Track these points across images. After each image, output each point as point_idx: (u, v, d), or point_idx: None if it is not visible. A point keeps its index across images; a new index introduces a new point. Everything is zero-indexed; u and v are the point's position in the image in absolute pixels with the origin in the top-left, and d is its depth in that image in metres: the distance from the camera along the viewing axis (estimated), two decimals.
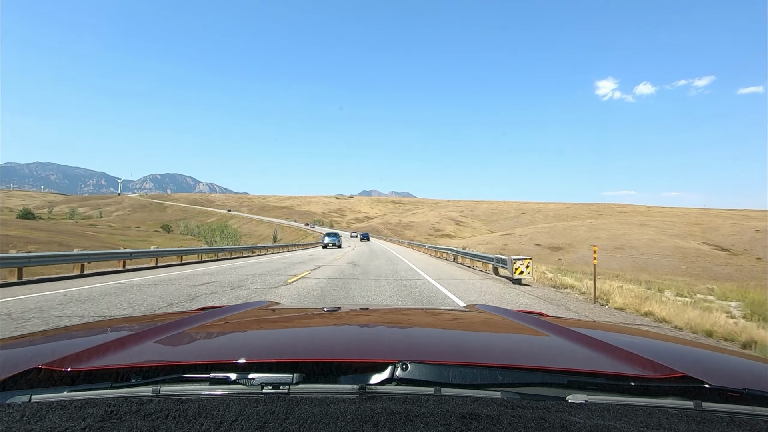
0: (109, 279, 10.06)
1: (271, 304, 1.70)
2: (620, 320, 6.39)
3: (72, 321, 5.14)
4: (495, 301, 7.56)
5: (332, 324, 1.29)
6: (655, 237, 53.01)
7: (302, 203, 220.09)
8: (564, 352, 0.95)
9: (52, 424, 0.52)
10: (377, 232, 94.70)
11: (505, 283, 10.84)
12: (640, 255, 44.79)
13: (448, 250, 22.23)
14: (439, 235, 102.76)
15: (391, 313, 1.60)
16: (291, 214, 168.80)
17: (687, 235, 57.26)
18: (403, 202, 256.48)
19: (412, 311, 1.79)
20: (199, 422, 0.53)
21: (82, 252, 12.30)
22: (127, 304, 6.34)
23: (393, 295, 7.92)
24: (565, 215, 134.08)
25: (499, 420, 0.55)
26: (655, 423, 0.57)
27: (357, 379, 0.69)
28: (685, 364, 0.77)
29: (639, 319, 6.51)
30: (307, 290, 8.39)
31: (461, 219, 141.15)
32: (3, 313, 5.43)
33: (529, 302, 7.74)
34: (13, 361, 0.73)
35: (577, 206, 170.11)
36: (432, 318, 1.50)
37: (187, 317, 1.16)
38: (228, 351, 0.91)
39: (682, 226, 66.59)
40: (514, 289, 9.52)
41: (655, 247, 48.08)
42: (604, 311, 7.25)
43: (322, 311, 1.54)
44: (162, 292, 7.71)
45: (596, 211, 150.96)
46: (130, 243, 49.64)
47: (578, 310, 7.16)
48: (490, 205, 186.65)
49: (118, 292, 7.66)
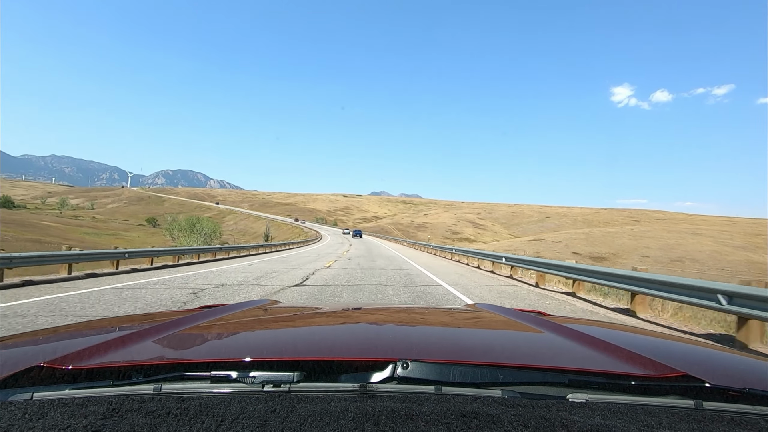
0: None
1: (272, 303, 1.70)
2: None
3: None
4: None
5: (333, 323, 1.29)
6: (718, 248, 46.17)
7: (307, 200, 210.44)
8: (564, 350, 0.94)
9: (53, 422, 0.52)
10: (386, 233, 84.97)
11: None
12: (706, 270, 37.62)
13: (502, 258, 12.52)
14: (457, 239, 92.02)
15: (391, 312, 1.59)
16: (293, 211, 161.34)
17: (755, 247, 49.03)
18: (414, 202, 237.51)
19: (413, 310, 1.81)
20: (200, 420, 0.53)
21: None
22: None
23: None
24: (595, 221, 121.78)
25: (500, 419, 0.55)
26: (655, 422, 0.57)
27: (358, 378, 0.68)
28: (685, 363, 0.76)
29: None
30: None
31: (480, 221, 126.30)
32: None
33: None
34: (14, 359, 0.74)
35: (605, 211, 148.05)
36: (432, 316, 1.50)
37: (188, 316, 1.16)
38: (229, 349, 0.91)
39: (741, 236, 57.72)
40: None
41: (722, 260, 41.10)
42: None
43: (323, 310, 1.54)
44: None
45: (630, 216, 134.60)
46: (95, 239, 41.53)
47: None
48: (509, 208, 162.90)
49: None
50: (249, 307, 1.45)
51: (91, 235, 51.38)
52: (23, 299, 6.40)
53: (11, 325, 4.62)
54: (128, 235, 58.67)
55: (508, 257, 12.13)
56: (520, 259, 11.20)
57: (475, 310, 1.63)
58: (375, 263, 15.74)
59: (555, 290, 9.35)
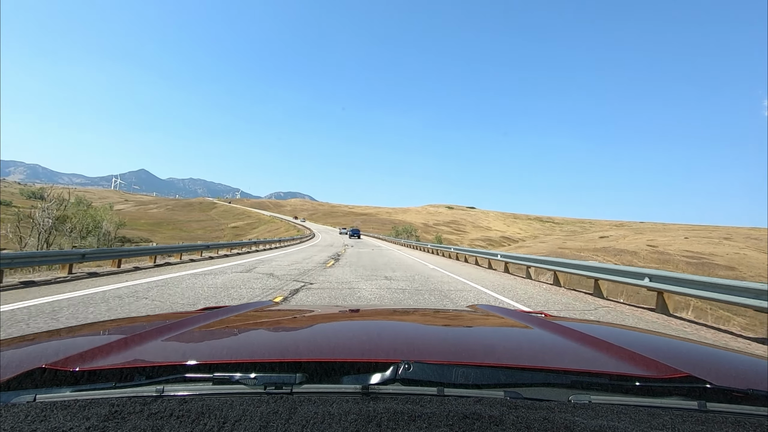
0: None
1: (273, 304, 1.71)
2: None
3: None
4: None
5: (335, 324, 1.28)
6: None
7: (394, 212, 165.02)
8: (567, 351, 0.94)
9: (56, 424, 0.52)
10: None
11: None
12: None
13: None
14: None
15: (393, 313, 1.59)
16: (368, 221, 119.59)
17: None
18: (554, 220, 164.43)
19: (415, 311, 1.82)
20: (202, 422, 0.53)
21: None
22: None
23: None
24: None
25: (502, 420, 0.55)
26: (659, 423, 0.56)
27: (360, 379, 0.68)
28: (689, 363, 0.76)
29: None
30: None
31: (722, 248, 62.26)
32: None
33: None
34: (17, 361, 0.74)
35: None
36: (434, 318, 1.50)
37: (190, 317, 1.15)
38: (231, 351, 0.90)
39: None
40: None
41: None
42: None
43: (325, 311, 1.54)
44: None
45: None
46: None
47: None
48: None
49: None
50: (251, 308, 1.46)
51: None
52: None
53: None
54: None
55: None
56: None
57: (476, 311, 1.63)
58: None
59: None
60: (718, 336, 5.71)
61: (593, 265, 9.38)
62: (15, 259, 7.69)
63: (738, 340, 5.65)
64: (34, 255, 8.21)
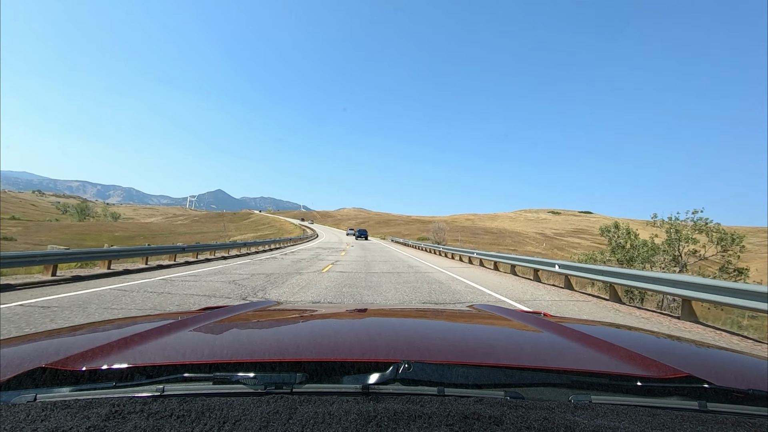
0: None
1: (275, 304, 1.71)
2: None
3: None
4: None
5: (335, 324, 1.28)
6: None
7: (479, 219, 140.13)
8: (567, 351, 0.94)
9: (56, 424, 0.52)
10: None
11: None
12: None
13: None
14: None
15: (393, 313, 1.59)
16: (454, 230, 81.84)
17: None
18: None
19: (415, 311, 1.83)
20: (202, 422, 0.53)
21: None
22: None
23: None
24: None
25: (502, 420, 0.55)
26: (659, 423, 0.56)
27: (360, 379, 0.68)
28: (689, 363, 0.76)
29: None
30: None
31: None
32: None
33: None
34: (17, 360, 0.74)
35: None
36: (434, 318, 1.51)
37: (191, 317, 1.16)
38: (231, 351, 0.90)
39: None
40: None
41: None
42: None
43: (325, 311, 1.55)
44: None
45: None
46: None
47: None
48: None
49: None
50: (252, 308, 1.46)
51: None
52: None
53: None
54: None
55: None
56: None
57: (476, 311, 1.63)
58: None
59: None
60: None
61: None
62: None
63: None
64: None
